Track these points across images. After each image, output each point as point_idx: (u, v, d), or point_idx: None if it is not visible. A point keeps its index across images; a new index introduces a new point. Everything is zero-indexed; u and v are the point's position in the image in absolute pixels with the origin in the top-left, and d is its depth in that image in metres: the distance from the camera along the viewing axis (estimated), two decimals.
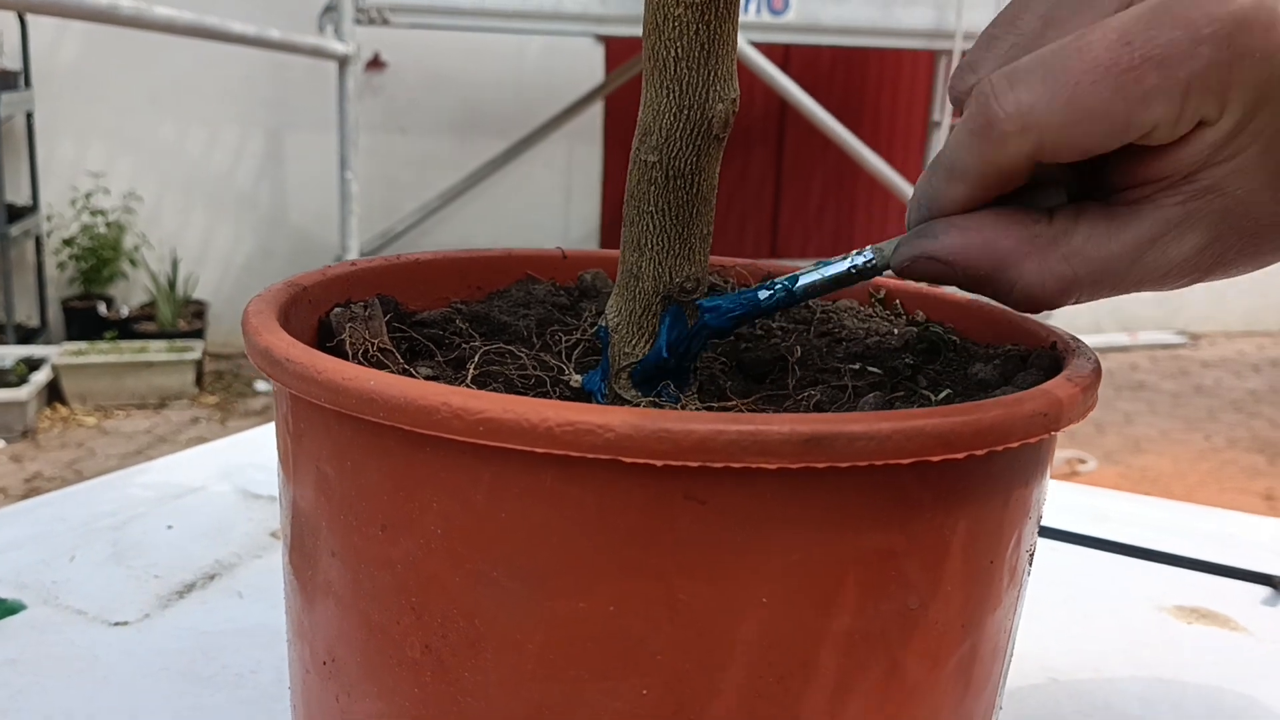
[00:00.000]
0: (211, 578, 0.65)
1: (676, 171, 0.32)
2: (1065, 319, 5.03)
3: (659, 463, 0.24)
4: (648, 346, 0.34)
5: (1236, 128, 0.26)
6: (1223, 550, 0.75)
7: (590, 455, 0.24)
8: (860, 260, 0.33)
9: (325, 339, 0.36)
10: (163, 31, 2.17)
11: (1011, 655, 0.34)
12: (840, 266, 0.34)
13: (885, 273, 0.33)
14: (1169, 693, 0.57)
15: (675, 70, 0.31)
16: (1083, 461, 3.44)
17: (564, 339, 0.38)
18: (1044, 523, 0.78)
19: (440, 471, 0.26)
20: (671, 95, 0.31)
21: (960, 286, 0.31)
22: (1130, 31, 0.25)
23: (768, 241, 5.12)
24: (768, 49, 3.75)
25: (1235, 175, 0.27)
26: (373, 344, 0.33)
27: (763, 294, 0.34)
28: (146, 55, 4.21)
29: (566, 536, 0.25)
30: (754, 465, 0.24)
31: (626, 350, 0.34)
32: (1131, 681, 0.58)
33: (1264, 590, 0.70)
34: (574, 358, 0.38)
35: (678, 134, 0.31)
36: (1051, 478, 0.88)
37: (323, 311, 0.36)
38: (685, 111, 0.31)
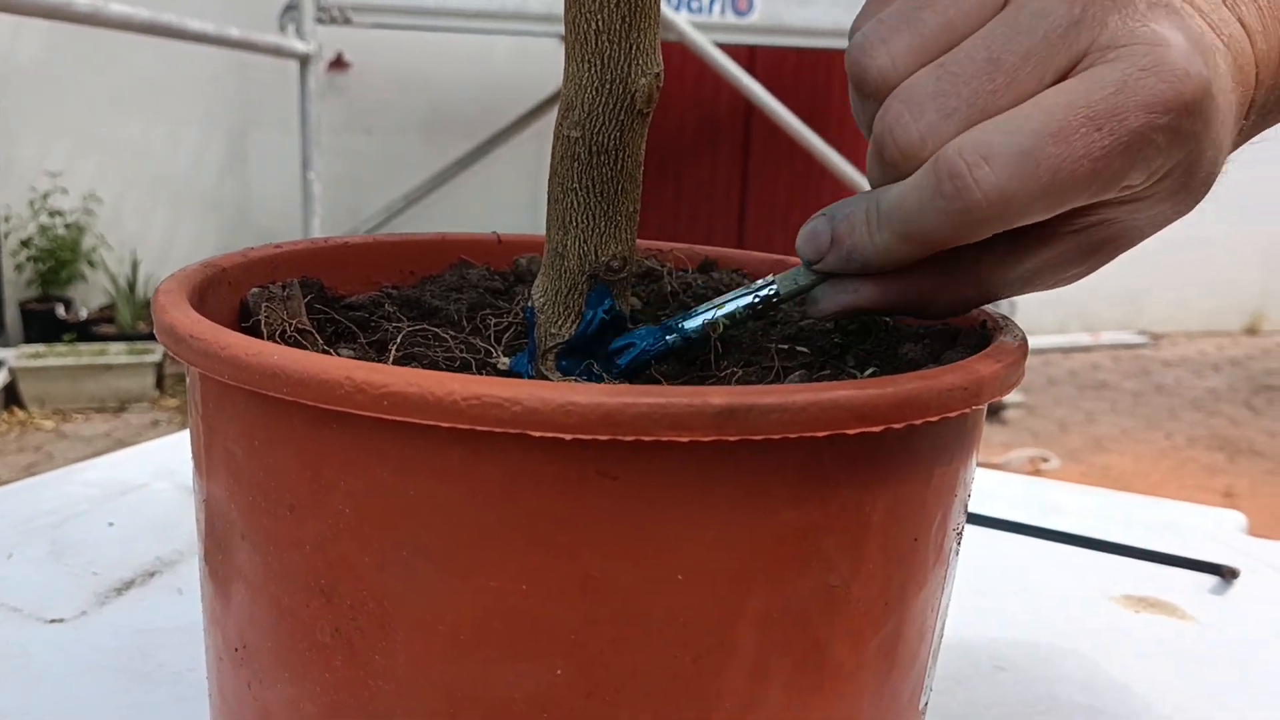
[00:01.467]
0: (152, 575, 0.64)
1: (600, 147, 0.31)
2: (1027, 319, 5.07)
3: (568, 437, 0.23)
4: (574, 326, 0.33)
5: (1147, 188, 0.29)
6: (1171, 540, 0.76)
7: (497, 429, 0.23)
8: (765, 293, 0.33)
9: (245, 322, 0.35)
10: (118, 29, 2.14)
11: (941, 637, 0.34)
12: (744, 300, 0.33)
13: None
14: (1115, 681, 0.57)
15: (596, 43, 0.30)
16: (1045, 460, 3.47)
17: (495, 322, 0.38)
18: (994, 514, 0.78)
19: (347, 449, 0.25)
20: (593, 69, 0.31)
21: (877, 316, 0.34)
22: (1099, 116, 0.27)
23: (735, 241, 5.13)
24: (733, 50, 3.76)
25: (1127, 213, 0.30)
26: (290, 324, 0.32)
27: (654, 342, 0.33)
28: (109, 55, 4.15)
29: (476, 514, 0.25)
30: (665, 439, 0.24)
31: (553, 331, 0.34)
32: (1078, 670, 0.58)
33: (1211, 579, 0.70)
34: (504, 341, 0.37)
35: (600, 109, 0.31)
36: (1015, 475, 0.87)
37: (244, 294, 0.36)
38: (608, 86, 0.31)
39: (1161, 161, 0.27)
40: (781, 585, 0.26)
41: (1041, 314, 5.27)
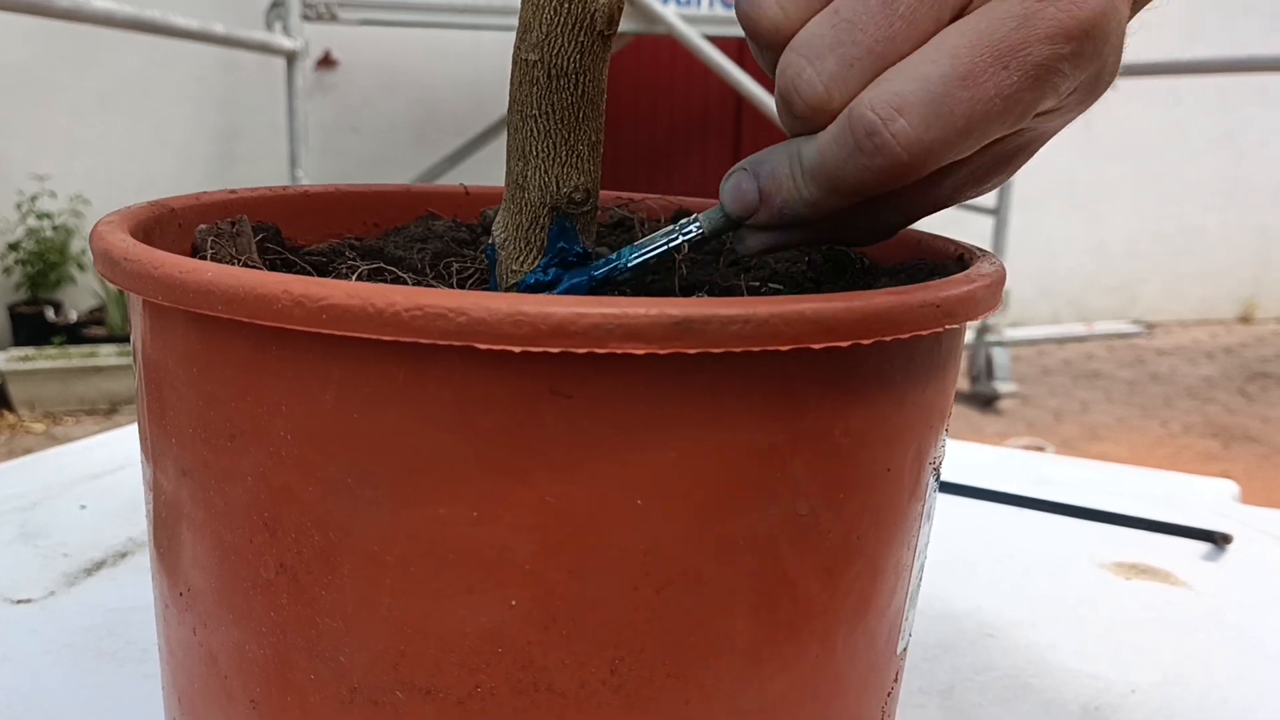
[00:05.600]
0: (123, 556, 0.63)
1: (559, 70, 0.30)
2: (1021, 310, 5.07)
3: (517, 349, 0.22)
4: (536, 261, 0.32)
5: (1058, 104, 0.29)
6: (1164, 509, 0.75)
7: (443, 343, 0.22)
8: (691, 233, 0.32)
9: None
10: (101, 25, 2.12)
11: (920, 580, 0.32)
12: (671, 240, 0.32)
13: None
14: (1106, 646, 0.56)
15: None
16: (1041, 449, 3.46)
17: (458, 268, 0.37)
18: (983, 485, 0.77)
19: (287, 371, 0.24)
20: None
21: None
22: (1003, 54, 0.27)
23: None
24: (722, 43, 3.74)
25: (1039, 123, 0.30)
26: (238, 261, 0.31)
27: (579, 284, 0.32)
28: (93, 56, 4.13)
29: (423, 437, 0.24)
30: (620, 351, 0.22)
31: (514, 267, 0.32)
32: (1069, 637, 0.57)
33: (1205, 546, 0.69)
34: (467, 285, 0.36)
35: (559, 29, 0.30)
36: None
37: (195, 237, 0.34)
38: (566, 5, 0.29)
39: (1069, 85, 0.28)
40: (747, 513, 0.25)
41: (1035, 305, 5.27)
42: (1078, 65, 0.27)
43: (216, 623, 0.27)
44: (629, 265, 0.32)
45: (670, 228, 0.32)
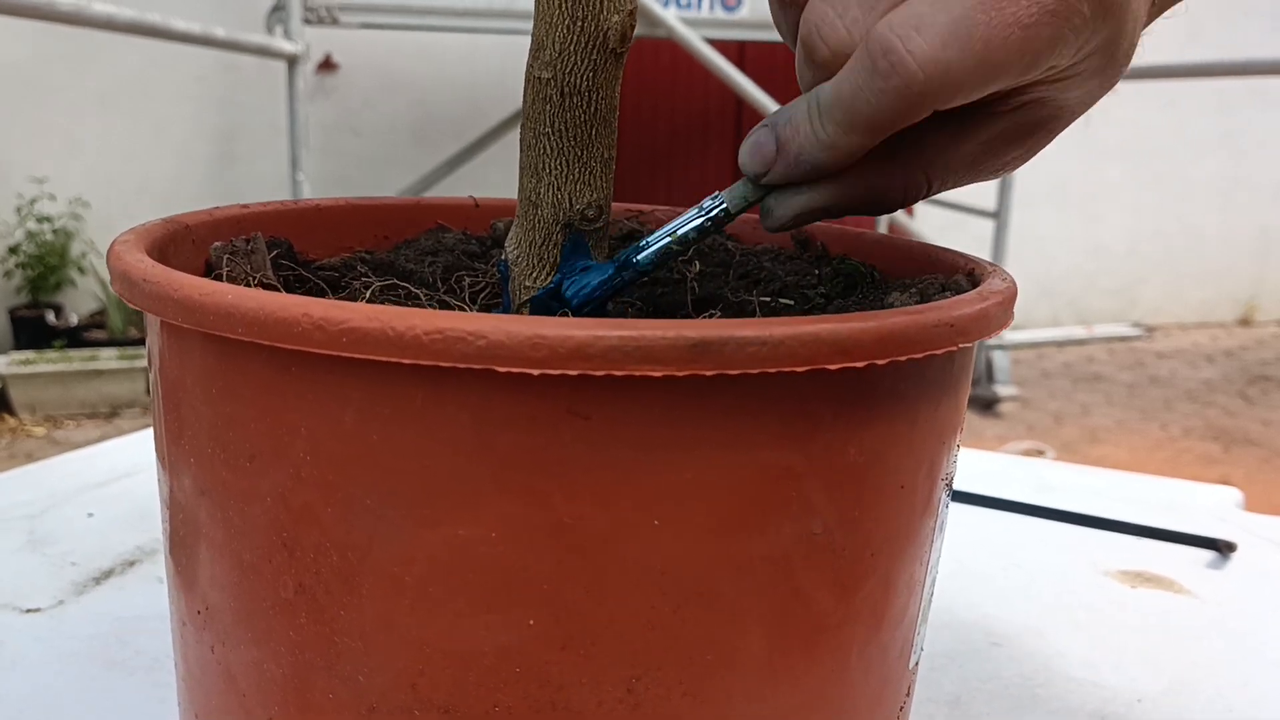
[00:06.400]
0: (131, 564, 0.63)
1: (572, 88, 0.30)
2: (1021, 313, 5.07)
3: (535, 372, 0.22)
4: (549, 278, 0.32)
5: (1077, 64, 0.29)
6: (1168, 516, 0.75)
7: (462, 365, 0.22)
8: (715, 211, 0.32)
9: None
10: (102, 29, 2.12)
11: (931, 594, 0.33)
12: (694, 222, 0.32)
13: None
14: (1111, 654, 0.56)
15: None
16: (1040, 452, 3.46)
17: (470, 282, 0.37)
18: (987, 492, 0.77)
19: (306, 392, 0.24)
20: (564, 6, 0.29)
21: (833, 218, 0.33)
22: None
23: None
24: (722, 46, 3.74)
25: (1058, 91, 0.30)
26: (254, 278, 0.31)
27: (606, 276, 0.32)
28: (95, 56, 4.13)
29: (442, 458, 0.24)
30: (638, 374, 0.22)
31: (527, 284, 0.33)
32: (1075, 645, 0.57)
33: (1209, 554, 0.69)
34: (480, 300, 0.36)
35: (572, 48, 0.30)
36: None
37: (210, 254, 0.34)
38: (579, 24, 0.30)
39: (1088, 35, 0.27)
40: (763, 532, 0.25)
41: (1035, 307, 5.27)
42: (1098, 9, 0.27)
43: (235, 641, 0.27)
44: (651, 245, 0.32)
45: (691, 211, 0.32)
